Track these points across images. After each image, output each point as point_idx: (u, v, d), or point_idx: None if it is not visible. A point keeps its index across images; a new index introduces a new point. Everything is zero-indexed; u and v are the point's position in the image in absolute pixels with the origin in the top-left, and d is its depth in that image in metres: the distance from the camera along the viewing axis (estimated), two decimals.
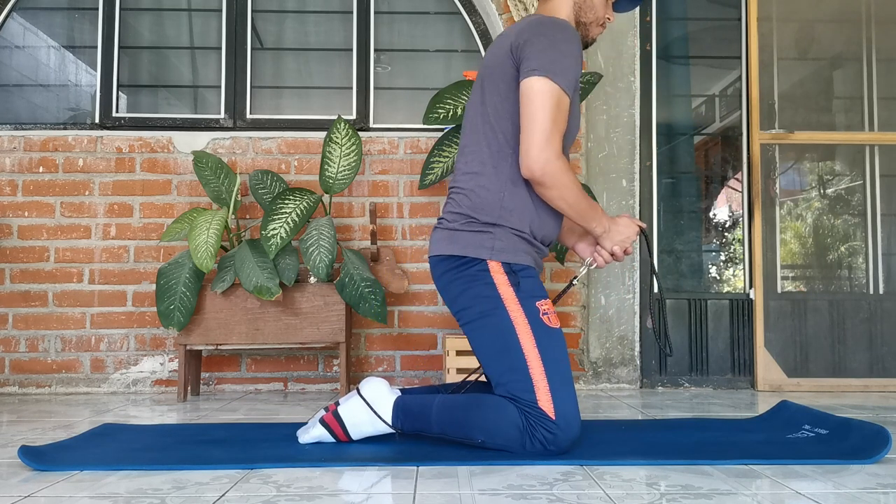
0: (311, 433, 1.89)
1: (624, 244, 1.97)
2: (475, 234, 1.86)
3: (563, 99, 1.81)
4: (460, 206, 1.90)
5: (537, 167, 1.78)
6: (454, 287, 1.88)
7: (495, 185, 1.87)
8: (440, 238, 1.92)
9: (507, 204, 1.86)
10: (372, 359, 3.28)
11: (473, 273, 1.84)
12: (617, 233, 1.96)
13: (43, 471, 1.63)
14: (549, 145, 1.78)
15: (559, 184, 1.81)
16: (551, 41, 1.83)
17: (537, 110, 1.78)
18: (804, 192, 3.47)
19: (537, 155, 1.78)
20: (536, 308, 1.81)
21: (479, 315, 1.83)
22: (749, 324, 3.32)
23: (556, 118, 1.79)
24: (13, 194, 3.25)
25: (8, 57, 3.42)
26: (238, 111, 3.38)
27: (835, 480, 1.54)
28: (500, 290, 1.81)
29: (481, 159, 1.89)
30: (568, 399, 1.74)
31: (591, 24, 2.04)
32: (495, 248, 1.84)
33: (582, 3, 2.00)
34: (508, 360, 1.77)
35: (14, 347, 3.21)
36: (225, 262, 2.94)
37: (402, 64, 3.50)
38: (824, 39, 3.49)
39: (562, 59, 1.82)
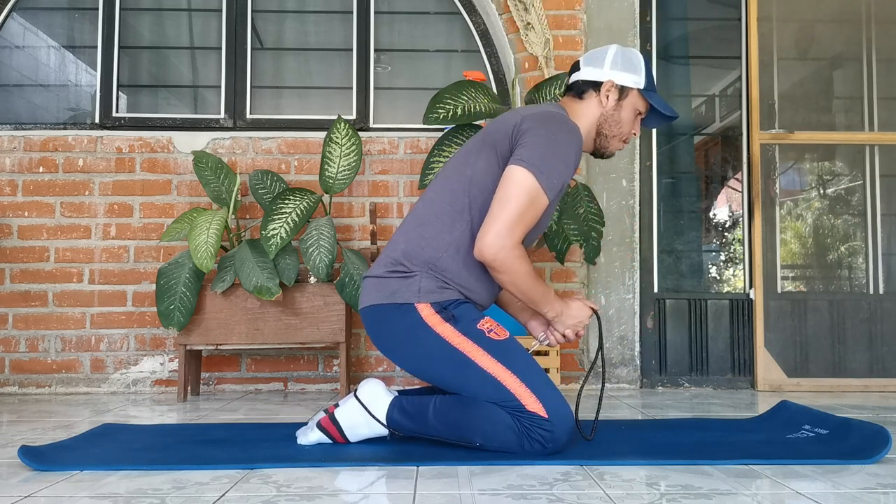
0: (309, 436, 1.89)
1: (576, 328, 1.96)
2: (400, 280, 1.84)
3: (540, 198, 1.79)
4: (395, 251, 1.89)
5: (489, 252, 1.77)
6: (390, 338, 1.88)
7: (438, 242, 1.85)
8: (369, 287, 1.91)
9: (442, 265, 1.84)
10: (372, 359, 3.28)
11: (408, 322, 1.82)
12: (569, 317, 1.94)
13: (43, 471, 1.63)
14: (509, 235, 1.76)
15: (511, 270, 1.79)
16: (552, 141, 1.82)
17: (510, 198, 1.77)
18: (804, 192, 3.47)
19: (492, 240, 1.76)
20: (479, 330, 1.80)
21: (429, 360, 1.83)
22: (749, 324, 3.32)
23: (525, 213, 1.78)
24: (13, 194, 3.25)
25: (8, 57, 3.42)
26: (238, 111, 3.38)
27: (835, 480, 1.54)
28: (438, 331, 1.80)
29: (438, 212, 1.88)
30: (554, 396, 1.74)
31: (614, 137, 2.01)
32: (421, 290, 1.82)
33: (609, 117, 1.97)
34: (479, 385, 1.76)
35: (14, 347, 3.21)
36: (225, 262, 2.94)
37: (402, 64, 3.50)
38: (824, 39, 3.49)
39: (555, 163, 1.80)
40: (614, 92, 1.96)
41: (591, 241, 2.93)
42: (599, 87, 1.97)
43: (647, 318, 3.32)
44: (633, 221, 3.29)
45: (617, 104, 1.97)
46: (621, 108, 1.98)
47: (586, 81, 1.98)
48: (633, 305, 3.29)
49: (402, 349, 1.89)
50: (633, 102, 1.98)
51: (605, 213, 3.16)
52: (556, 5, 3.27)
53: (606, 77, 1.96)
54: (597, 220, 2.95)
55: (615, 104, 1.97)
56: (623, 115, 1.98)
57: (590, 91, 1.98)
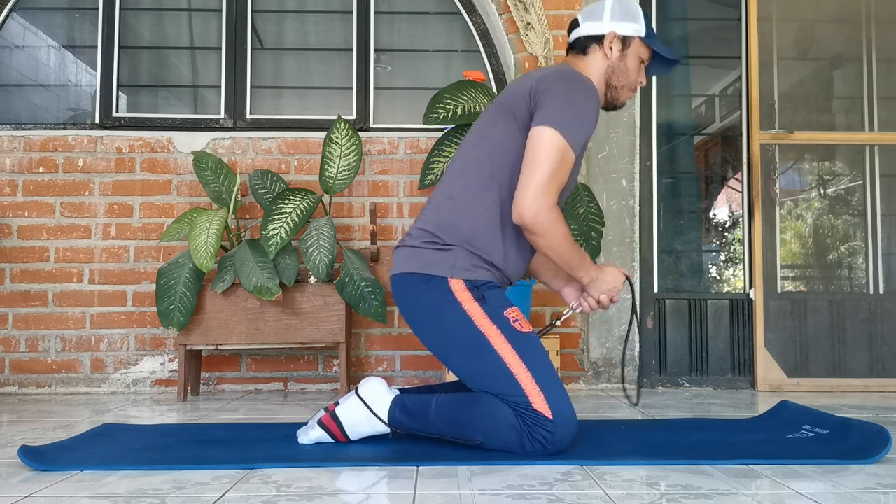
0: (310, 435, 1.89)
1: (611, 293, 1.97)
2: (436, 253, 1.84)
3: (568, 155, 1.80)
4: (428, 224, 1.89)
5: (528, 214, 1.77)
6: (417, 307, 1.88)
7: (470, 213, 1.85)
8: (402, 256, 1.91)
9: (478, 235, 1.85)
10: (372, 359, 3.28)
11: (437, 294, 1.82)
12: (604, 282, 1.95)
13: (43, 471, 1.63)
14: (545, 195, 1.77)
15: (549, 233, 1.80)
16: (571, 97, 1.83)
17: (541, 159, 1.78)
18: (804, 192, 3.47)
19: (530, 202, 1.77)
20: (506, 317, 1.80)
21: (450, 336, 1.83)
22: (749, 324, 3.32)
23: (557, 171, 1.79)
24: (13, 194, 3.25)
25: (8, 57, 3.42)
26: (238, 111, 3.38)
27: (835, 480, 1.54)
28: (466, 308, 1.80)
29: (466, 184, 1.88)
30: (561, 397, 1.74)
31: (623, 87, 2.02)
32: (456, 265, 1.82)
33: (616, 67, 1.98)
34: (494, 372, 1.76)
35: (14, 347, 3.21)
36: (225, 262, 2.94)
37: (402, 64, 3.50)
38: (824, 39, 3.49)
39: (577, 119, 1.82)
40: (617, 42, 1.97)
41: (591, 241, 2.93)
42: (602, 41, 1.98)
43: (647, 318, 3.32)
44: (633, 221, 3.29)
45: (621, 54, 1.98)
46: (626, 58, 1.99)
47: (588, 37, 1.99)
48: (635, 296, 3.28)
49: (426, 320, 1.88)
50: (637, 51, 2.00)
51: (605, 213, 3.16)
52: (556, 5, 3.27)
53: (608, 29, 1.97)
54: (597, 220, 2.95)
55: (620, 54, 1.98)
56: (629, 64, 2.00)
57: (593, 45, 1.99)
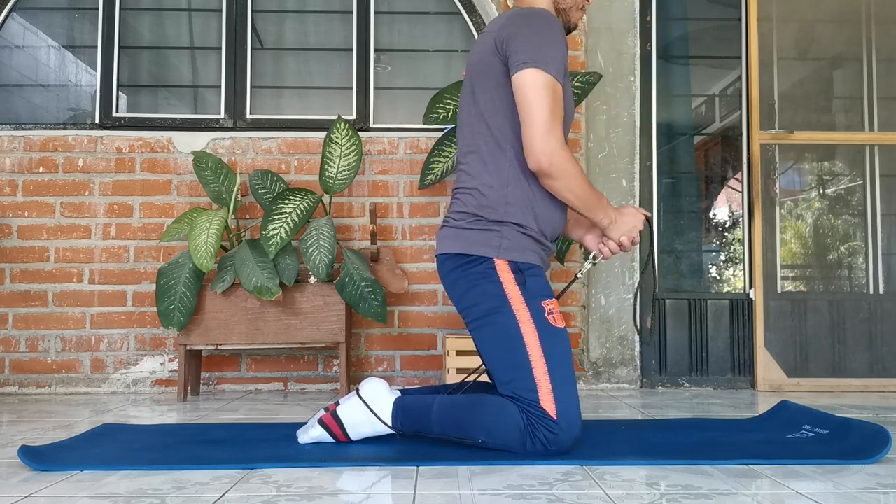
0: (311, 433, 1.89)
1: (631, 234, 1.97)
2: (482, 233, 1.85)
3: (556, 87, 1.80)
4: (466, 206, 1.89)
5: (545, 158, 1.78)
6: (460, 285, 1.88)
7: (497, 181, 1.86)
8: (446, 236, 1.91)
9: (511, 199, 1.85)
10: (372, 359, 3.28)
11: (480, 271, 1.83)
12: (623, 223, 1.96)
13: (43, 471, 1.63)
14: (552, 135, 1.78)
15: (566, 174, 1.80)
16: (535, 31, 1.82)
17: (534, 102, 1.78)
18: (804, 192, 3.47)
19: (542, 146, 1.77)
20: (542, 307, 1.81)
21: (484, 313, 1.83)
22: (749, 324, 3.32)
23: (553, 108, 1.79)
24: (13, 194, 3.25)
25: (8, 57, 3.42)
26: (238, 111, 3.38)
27: (835, 480, 1.54)
28: (506, 289, 1.81)
29: (481, 158, 1.89)
30: (570, 399, 1.74)
31: (571, 8, 2.02)
32: (502, 246, 1.83)
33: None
34: (513, 358, 1.77)
35: (14, 347, 3.21)
36: (225, 262, 2.94)
37: (402, 64, 3.50)
38: (824, 39, 3.49)
39: (549, 48, 1.81)
40: None
41: None
42: None
43: (647, 318, 3.32)
44: None
45: None
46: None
47: None
48: (634, 305, 3.28)
49: (467, 294, 1.87)
50: None
51: None
52: None
53: None
54: None
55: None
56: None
57: None
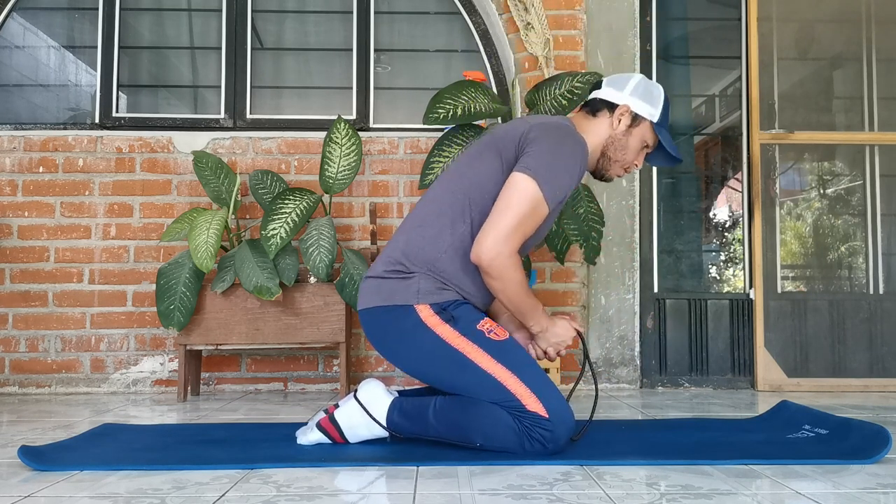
0: (309, 437, 1.89)
1: (558, 346, 1.96)
2: (399, 282, 1.85)
3: (540, 207, 1.80)
4: (395, 250, 1.89)
5: (486, 257, 1.77)
6: (389, 339, 1.88)
7: (439, 242, 1.85)
8: (367, 289, 1.91)
9: (441, 266, 1.85)
10: (372, 359, 3.28)
11: (408, 324, 1.82)
12: (553, 335, 1.94)
13: (43, 471, 1.63)
14: (507, 242, 1.78)
15: (504, 278, 1.80)
16: (557, 152, 1.83)
17: (512, 205, 1.78)
18: (804, 192, 3.47)
19: (491, 245, 1.77)
20: (479, 330, 1.80)
21: (429, 361, 1.83)
22: (749, 324, 3.32)
23: (524, 221, 1.79)
24: (13, 194, 3.25)
25: (8, 57, 3.42)
26: (238, 111, 3.38)
27: (835, 480, 1.54)
28: (438, 332, 1.80)
29: (441, 212, 1.88)
30: (554, 395, 1.74)
31: (616, 162, 2.01)
32: (420, 290, 1.82)
33: (616, 140, 1.97)
34: (479, 384, 1.76)
35: (14, 347, 3.21)
36: (225, 262, 2.94)
37: (402, 64, 3.50)
38: (824, 39, 3.49)
39: (559, 173, 1.82)
40: (627, 117, 1.96)
41: (591, 241, 2.93)
42: (614, 109, 1.97)
43: (647, 318, 3.32)
44: (633, 221, 3.29)
45: (627, 130, 1.97)
46: (630, 136, 1.98)
47: (603, 101, 1.99)
48: (633, 305, 3.28)
49: (401, 351, 1.89)
50: (643, 133, 1.99)
51: (605, 214, 3.15)
52: (556, 5, 3.27)
53: (624, 101, 1.97)
54: (597, 220, 2.95)
55: (625, 129, 1.97)
56: (631, 142, 1.98)
57: (604, 111, 1.99)
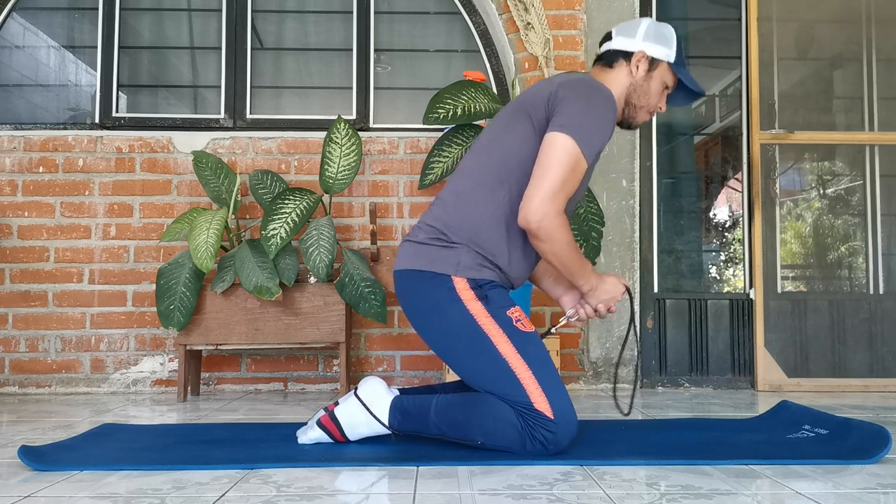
0: (309, 435, 1.89)
1: (609, 303, 1.97)
2: (441, 250, 1.84)
3: (580, 163, 1.80)
4: (435, 219, 1.89)
5: (535, 219, 1.77)
6: (419, 304, 1.87)
7: (478, 212, 1.85)
8: (407, 252, 1.90)
9: (483, 234, 1.84)
10: (372, 359, 3.28)
11: (441, 292, 1.82)
12: (604, 291, 1.95)
13: (43, 471, 1.63)
14: (553, 201, 1.77)
15: (553, 239, 1.80)
16: (589, 106, 1.83)
17: (553, 165, 1.78)
18: (804, 192, 3.47)
19: (538, 207, 1.77)
20: (508, 317, 1.80)
21: (453, 335, 1.82)
22: (749, 324, 3.32)
23: (567, 179, 1.79)
24: (13, 194, 3.25)
25: (8, 57, 3.42)
26: (238, 111, 3.38)
27: (835, 480, 1.54)
28: (469, 307, 1.80)
29: (478, 182, 1.88)
30: (562, 397, 1.74)
31: (641, 108, 2.01)
32: (460, 264, 1.82)
33: (638, 86, 1.98)
34: (495, 372, 1.76)
35: (14, 347, 3.21)
36: (225, 262, 2.94)
37: (402, 64, 3.50)
38: (824, 39, 3.49)
39: (593, 127, 1.82)
40: (644, 62, 1.97)
41: (591, 241, 2.93)
42: (630, 58, 1.98)
43: (647, 318, 3.32)
44: (633, 221, 3.29)
45: (647, 75, 1.98)
46: (650, 80, 1.99)
47: (617, 51, 2.00)
48: (634, 306, 3.28)
49: (427, 318, 1.87)
50: (662, 75, 2.00)
51: (605, 213, 3.16)
52: (556, 5, 3.27)
53: (638, 47, 1.97)
54: (597, 220, 2.95)
55: (645, 75, 1.98)
56: (652, 86, 1.99)
57: (620, 61, 1.99)
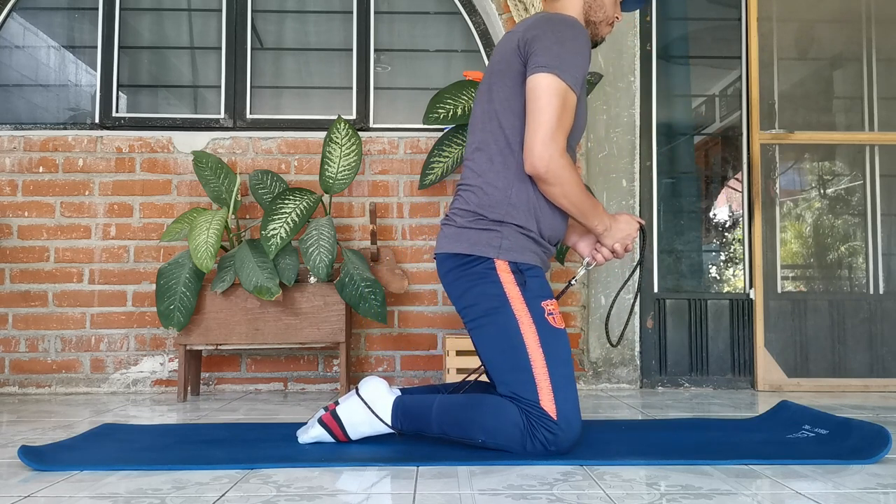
0: (310, 433, 1.89)
1: (625, 241, 1.98)
2: (482, 233, 1.85)
3: (569, 96, 1.80)
4: (468, 203, 1.89)
5: (541, 164, 1.78)
6: (459, 284, 1.88)
7: (502, 181, 1.86)
8: (447, 235, 1.91)
9: (514, 200, 1.85)
10: (372, 359, 3.28)
11: (480, 271, 1.83)
12: (618, 230, 1.96)
13: (43, 471, 1.63)
14: (553, 142, 1.78)
15: (562, 180, 1.80)
16: (560, 38, 1.82)
17: (543, 106, 1.78)
18: (804, 192, 3.47)
19: (541, 151, 1.77)
20: (542, 308, 1.81)
21: (484, 313, 1.83)
22: (749, 324, 3.32)
23: (561, 115, 1.79)
24: (13, 194, 3.25)
25: (8, 57, 3.42)
26: (238, 111, 3.38)
27: (835, 480, 1.54)
28: (507, 289, 1.81)
29: (489, 156, 1.89)
30: (570, 400, 1.74)
31: (601, 22, 2.03)
32: (503, 246, 1.83)
33: (592, 2, 2.00)
34: (513, 358, 1.77)
35: (14, 347, 3.21)
36: (225, 262, 2.94)
37: (402, 64, 3.50)
38: (824, 39, 3.49)
39: (570, 56, 1.81)
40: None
41: None
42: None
43: (647, 318, 3.32)
44: None
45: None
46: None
47: None
48: (634, 305, 3.28)
49: (466, 294, 1.87)
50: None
51: None
52: None
53: None
54: None
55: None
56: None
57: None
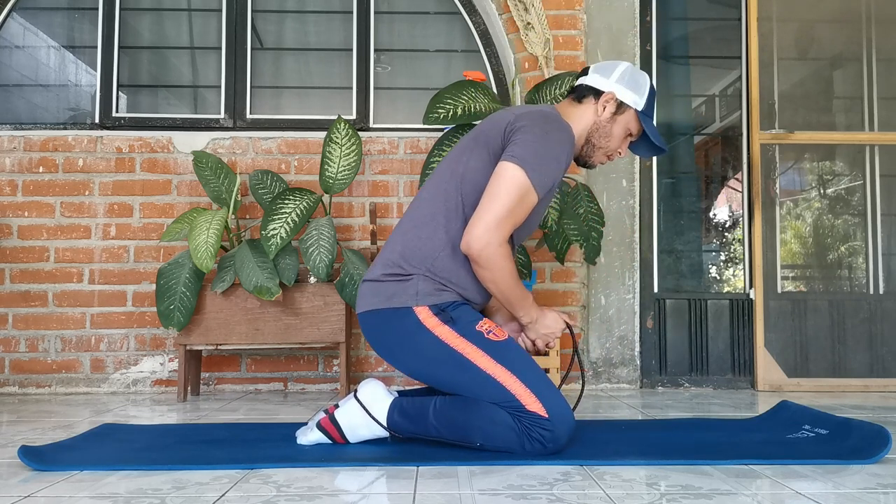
0: (309, 437, 1.89)
1: (547, 338, 1.96)
2: (397, 284, 1.85)
3: (529, 195, 1.80)
4: (392, 252, 1.89)
5: (476, 245, 1.77)
6: (388, 341, 1.88)
7: (435, 241, 1.86)
8: (365, 292, 1.91)
9: (439, 263, 1.84)
10: (372, 359, 3.28)
11: (406, 326, 1.82)
12: (543, 326, 1.95)
13: (43, 471, 1.63)
14: (497, 230, 1.77)
15: (493, 267, 1.80)
16: (544, 139, 1.82)
17: (500, 194, 1.78)
18: (804, 192, 3.47)
19: (480, 234, 1.77)
20: (478, 331, 1.80)
21: (429, 362, 1.82)
22: (749, 324, 3.32)
23: (514, 209, 1.79)
24: (13, 194, 3.25)
25: (8, 57, 3.42)
26: (238, 111, 3.38)
27: (835, 480, 1.54)
28: (437, 333, 1.80)
29: (433, 212, 1.88)
30: (553, 395, 1.74)
31: (600, 149, 2.02)
32: (419, 292, 1.82)
33: (601, 127, 1.99)
34: (478, 384, 1.76)
35: (14, 347, 3.21)
36: (225, 262, 2.94)
37: (402, 64, 3.50)
38: (824, 39, 3.49)
39: (546, 160, 1.82)
40: (612, 104, 1.98)
41: (591, 241, 2.93)
42: (599, 96, 1.98)
43: (647, 318, 3.32)
44: (634, 221, 3.29)
45: (612, 117, 1.99)
46: (615, 123, 1.99)
47: (589, 87, 2.00)
48: (633, 305, 3.28)
49: (401, 353, 1.89)
50: (627, 121, 2.00)
51: (605, 213, 3.16)
52: (556, 5, 3.27)
53: (609, 88, 1.98)
54: (597, 220, 2.95)
55: (610, 117, 1.98)
56: (615, 129, 1.99)
57: (589, 97, 1.99)
